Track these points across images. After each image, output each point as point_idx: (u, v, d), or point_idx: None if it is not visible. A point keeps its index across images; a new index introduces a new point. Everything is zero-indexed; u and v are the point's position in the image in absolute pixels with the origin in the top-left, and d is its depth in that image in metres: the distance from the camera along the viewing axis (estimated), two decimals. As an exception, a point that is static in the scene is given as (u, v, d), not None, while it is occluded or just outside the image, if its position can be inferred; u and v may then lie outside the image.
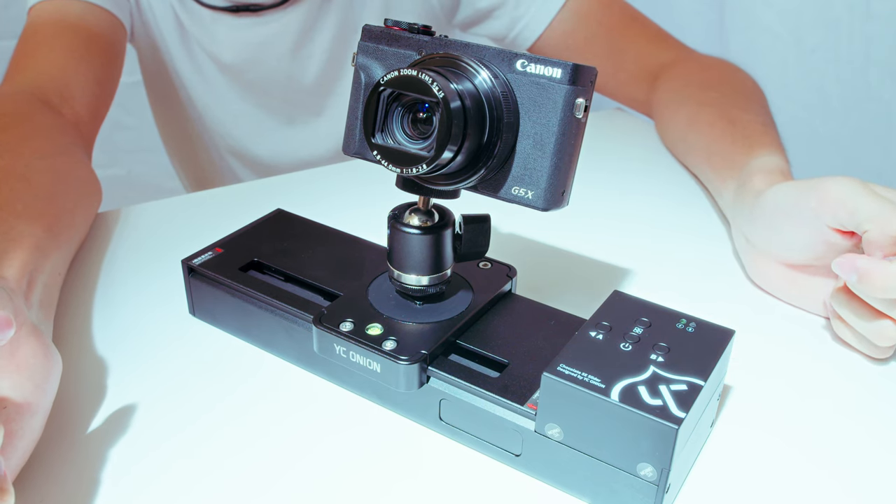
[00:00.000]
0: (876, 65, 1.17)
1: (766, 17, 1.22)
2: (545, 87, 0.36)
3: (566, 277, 0.57)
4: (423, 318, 0.43)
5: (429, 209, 0.42)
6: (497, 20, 0.88)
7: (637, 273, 0.58)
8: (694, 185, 0.73)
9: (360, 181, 0.72)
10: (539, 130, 0.37)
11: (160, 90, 0.96)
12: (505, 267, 0.48)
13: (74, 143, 0.65)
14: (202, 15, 0.85)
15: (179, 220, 0.65)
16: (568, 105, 0.36)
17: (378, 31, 0.41)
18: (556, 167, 0.37)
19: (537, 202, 0.38)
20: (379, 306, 0.44)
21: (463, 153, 0.36)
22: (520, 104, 0.37)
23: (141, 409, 0.44)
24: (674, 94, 0.78)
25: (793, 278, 0.53)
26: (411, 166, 0.36)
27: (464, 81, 0.36)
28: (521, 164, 0.38)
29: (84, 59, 0.73)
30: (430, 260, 0.42)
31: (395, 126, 0.37)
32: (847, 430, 0.43)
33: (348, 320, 0.43)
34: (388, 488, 0.39)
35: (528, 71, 0.36)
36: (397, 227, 0.42)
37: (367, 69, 0.41)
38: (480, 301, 0.45)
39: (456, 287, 0.46)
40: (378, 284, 0.46)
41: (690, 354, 0.38)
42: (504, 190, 0.38)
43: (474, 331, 0.44)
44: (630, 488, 0.36)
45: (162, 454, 0.41)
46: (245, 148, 0.97)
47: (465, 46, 0.38)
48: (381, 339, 0.41)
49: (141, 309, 0.53)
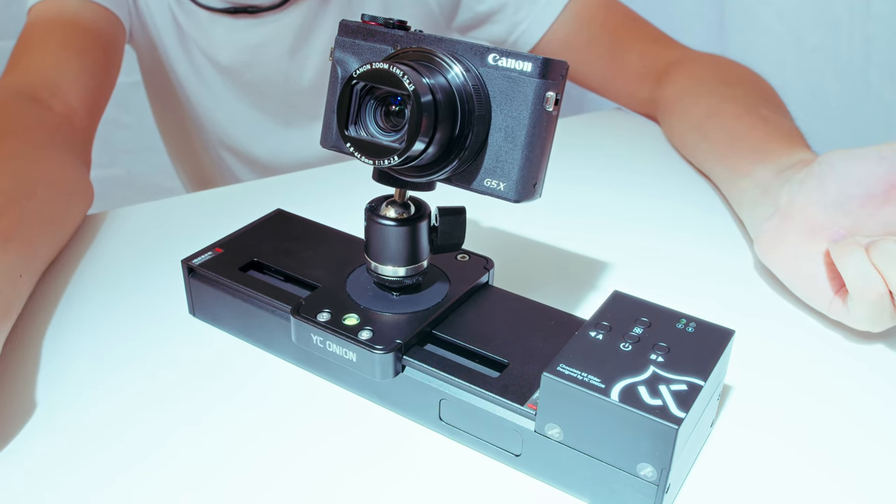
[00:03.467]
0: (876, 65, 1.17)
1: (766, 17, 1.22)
2: (516, 80, 0.37)
3: (566, 277, 0.57)
4: (400, 309, 0.44)
5: (405, 201, 0.43)
6: (496, 24, 0.88)
7: (637, 273, 0.58)
8: (695, 184, 0.73)
9: (360, 181, 0.72)
10: (510, 123, 0.38)
11: (159, 90, 0.96)
12: (482, 259, 0.49)
13: (58, 140, 0.63)
14: (200, 16, 0.85)
15: (179, 220, 0.65)
16: (538, 98, 0.37)
17: (354, 26, 0.41)
18: (527, 159, 0.38)
19: (509, 194, 0.38)
20: (356, 297, 0.45)
21: (434, 145, 0.37)
22: (491, 97, 0.38)
23: (141, 409, 0.44)
24: (689, 89, 0.77)
25: (806, 250, 0.51)
26: (383, 158, 0.36)
27: (436, 75, 0.37)
28: (493, 157, 0.38)
29: (77, 53, 0.72)
30: (407, 251, 0.43)
31: (369, 119, 0.38)
32: (847, 431, 0.43)
33: (326, 311, 0.43)
34: (388, 488, 0.39)
35: (500, 65, 0.37)
36: (374, 219, 0.43)
37: (343, 63, 0.42)
38: (457, 292, 0.46)
39: (433, 278, 0.47)
40: (356, 276, 0.47)
41: (690, 354, 0.38)
42: (477, 182, 0.39)
43: (451, 321, 0.44)
44: (630, 488, 0.36)
45: (162, 454, 0.41)
46: (244, 148, 0.97)
47: (439, 41, 0.39)
48: (357, 328, 0.42)
49: (141, 309, 0.53)
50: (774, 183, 0.56)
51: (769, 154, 0.60)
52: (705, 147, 0.71)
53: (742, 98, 0.71)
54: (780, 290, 0.55)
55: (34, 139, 0.61)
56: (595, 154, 0.80)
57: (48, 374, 0.46)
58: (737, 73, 0.78)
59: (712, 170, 0.69)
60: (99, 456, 0.41)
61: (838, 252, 0.47)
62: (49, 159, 0.60)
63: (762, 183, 0.58)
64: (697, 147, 0.73)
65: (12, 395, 0.44)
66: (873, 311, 0.46)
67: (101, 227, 0.63)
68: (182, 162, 1.07)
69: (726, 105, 0.70)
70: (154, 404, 0.44)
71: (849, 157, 0.49)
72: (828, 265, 0.50)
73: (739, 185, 0.62)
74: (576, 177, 0.74)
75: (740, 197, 0.61)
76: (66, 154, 0.63)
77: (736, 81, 0.76)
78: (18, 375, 0.46)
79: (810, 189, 0.51)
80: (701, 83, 0.77)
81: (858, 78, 1.20)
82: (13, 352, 0.48)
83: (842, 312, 0.49)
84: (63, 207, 0.59)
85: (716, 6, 1.27)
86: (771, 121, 0.65)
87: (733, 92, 0.73)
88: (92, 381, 0.46)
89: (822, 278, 0.50)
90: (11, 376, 0.46)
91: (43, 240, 0.54)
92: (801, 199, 0.52)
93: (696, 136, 0.73)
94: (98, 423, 0.43)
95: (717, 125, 0.69)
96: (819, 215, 0.51)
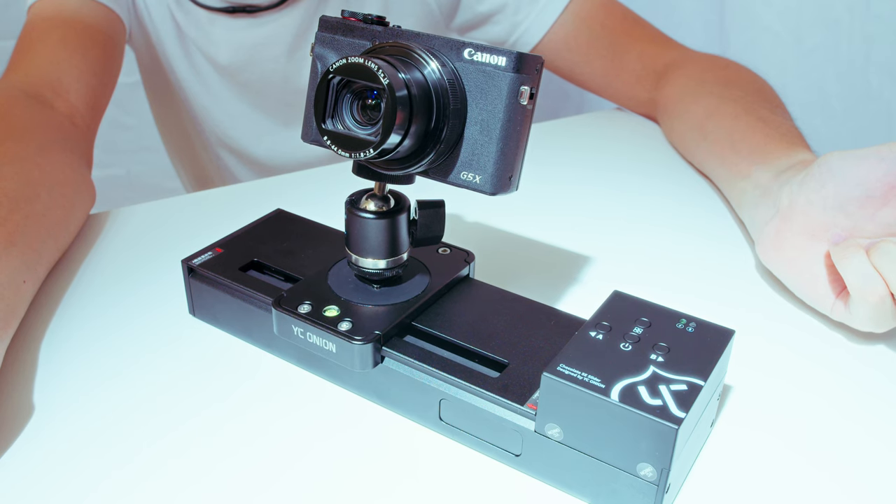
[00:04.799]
0: (876, 65, 1.17)
1: (766, 17, 1.22)
2: (491, 74, 0.37)
3: (566, 277, 0.57)
4: (380, 301, 0.44)
5: (385, 195, 0.43)
6: (497, 25, 0.88)
7: (637, 273, 0.58)
8: (694, 184, 0.73)
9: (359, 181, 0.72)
10: (485, 117, 0.38)
11: (159, 90, 0.96)
12: (463, 252, 0.49)
13: (60, 140, 0.63)
14: (199, 16, 0.85)
15: (179, 220, 0.65)
16: (513, 92, 0.37)
17: (335, 22, 0.42)
18: (502, 152, 0.38)
19: (485, 186, 0.39)
20: (337, 289, 0.45)
21: (410, 138, 0.37)
22: (467, 91, 0.38)
23: (141, 409, 0.44)
24: (689, 89, 0.77)
25: (807, 252, 0.51)
26: (359, 150, 0.37)
27: (412, 70, 0.37)
28: (469, 150, 0.39)
29: (78, 51, 0.72)
30: (387, 244, 0.43)
31: (345, 112, 0.39)
32: (847, 431, 0.43)
33: (307, 303, 0.44)
34: (387, 488, 0.39)
35: (475, 59, 0.38)
36: (354, 212, 0.43)
37: (323, 58, 0.42)
38: (437, 284, 0.46)
39: (413, 271, 0.47)
40: (338, 269, 0.47)
41: (690, 354, 0.38)
42: (453, 175, 0.39)
43: (431, 313, 0.45)
44: (630, 488, 0.36)
45: (162, 453, 0.41)
46: (243, 148, 0.97)
47: (416, 36, 0.39)
48: (336, 320, 0.43)
49: (141, 309, 0.53)
50: (774, 185, 0.56)
51: (768, 156, 0.60)
52: (705, 148, 0.71)
53: (741, 98, 0.71)
54: (779, 290, 0.55)
55: (37, 140, 0.60)
56: (595, 154, 0.80)
57: (48, 374, 0.46)
58: (736, 74, 0.78)
59: (712, 171, 0.69)
60: (99, 455, 0.41)
61: (839, 254, 0.47)
62: (52, 161, 0.59)
63: (762, 185, 0.58)
64: (697, 148, 0.73)
65: (12, 396, 0.44)
66: (875, 312, 0.46)
67: (102, 227, 0.63)
68: (182, 162, 1.07)
69: (725, 106, 0.71)
70: (154, 404, 0.44)
71: (848, 158, 0.49)
72: (828, 267, 0.50)
73: (739, 187, 0.62)
74: (575, 177, 0.74)
75: (740, 198, 0.61)
76: (68, 154, 0.62)
77: (735, 82, 0.76)
78: (19, 376, 0.46)
79: (810, 191, 0.51)
80: (700, 84, 0.77)
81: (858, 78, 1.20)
82: (13, 351, 0.48)
83: (844, 314, 0.49)
84: (66, 210, 0.58)
85: (716, 6, 1.27)
86: (770, 121, 0.65)
87: (732, 92, 0.73)
88: (92, 381, 0.46)
89: (824, 281, 0.50)
90: (11, 376, 0.46)
91: (46, 244, 0.54)
92: (802, 201, 0.52)
93: (695, 136, 0.74)
94: (98, 423, 0.43)
95: (717, 126, 0.70)
96: (819, 217, 0.50)
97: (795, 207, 0.52)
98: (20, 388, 0.45)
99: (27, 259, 0.50)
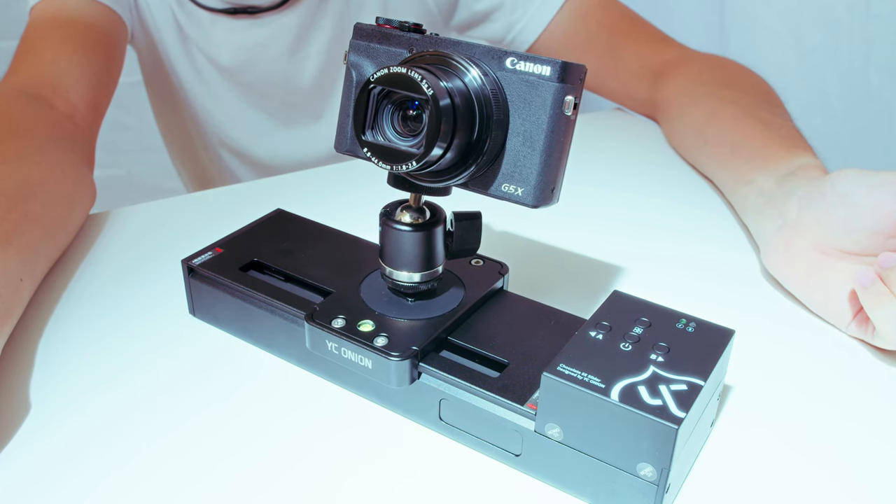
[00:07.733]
0: (876, 65, 1.17)
1: (766, 17, 1.22)
2: (534, 84, 0.36)
3: (565, 277, 0.57)
4: (415, 315, 0.43)
5: (420, 206, 0.42)
6: (494, 23, 0.88)
7: (637, 273, 0.58)
8: (694, 184, 0.73)
9: (360, 181, 0.72)
10: (528, 128, 0.37)
11: (160, 90, 0.96)
12: (497, 264, 0.48)
13: (60, 140, 0.63)
14: (200, 17, 0.85)
15: (179, 220, 0.65)
16: (557, 102, 0.36)
17: (369, 30, 0.41)
18: (545, 164, 0.37)
19: (527, 199, 0.38)
20: (371, 303, 0.44)
21: (452, 150, 0.36)
22: (509, 102, 0.37)
23: (141, 409, 0.44)
24: (686, 90, 0.77)
25: (819, 268, 0.51)
26: (401, 163, 0.36)
27: (453, 79, 0.36)
28: (511, 162, 0.38)
29: (79, 51, 0.72)
30: (422, 257, 0.42)
31: (386, 123, 0.37)
32: (847, 431, 0.43)
33: (340, 317, 0.43)
34: (387, 488, 0.39)
35: (518, 69, 0.37)
36: (389, 225, 0.42)
37: (358, 67, 0.41)
38: (472, 298, 0.45)
39: (448, 284, 0.46)
40: (370, 281, 0.46)
41: (690, 354, 0.38)
42: (494, 187, 0.38)
43: (466, 327, 0.44)
44: (630, 488, 0.36)
45: (162, 454, 0.41)
46: (244, 148, 0.97)
47: (456, 44, 0.38)
48: (372, 335, 0.42)
49: (141, 309, 0.53)
50: (777, 192, 0.56)
51: (769, 160, 0.60)
52: (705, 151, 0.71)
53: (739, 99, 0.71)
54: (779, 290, 0.55)
55: (37, 139, 0.60)
56: (595, 154, 0.80)
57: (48, 373, 0.46)
58: (735, 74, 0.78)
59: (713, 174, 0.69)
60: (99, 456, 0.41)
61: (870, 302, 0.46)
62: (52, 160, 0.59)
63: (765, 192, 0.58)
64: (698, 151, 0.73)
65: (11, 395, 0.44)
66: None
67: (102, 227, 0.63)
68: (183, 162, 1.07)
69: (724, 108, 0.70)
70: (154, 404, 0.44)
71: (862, 183, 0.49)
72: (849, 293, 0.50)
73: (741, 192, 0.62)
74: (575, 177, 0.74)
75: (743, 203, 0.61)
76: (68, 153, 0.62)
77: (734, 82, 0.75)
78: (17, 375, 0.46)
79: (820, 212, 0.51)
80: (699, 85, 0.77)
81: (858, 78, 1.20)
82: (12, 351, 0.48)
83: (861, 333, 0.49)
84: (65, 209, 0.58)
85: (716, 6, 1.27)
86: (769, 123, 0.65)
87: (731, 93, 0.72)
88: (92, 381, 0.46)
89: (840, 300, 0.50)
90: (10, 376, 0.46)
91: (44, 243, 0.54)
92: (811, 218, 0.51)
93: (695, 139, 0.74)
94: (98, 423, 0.43)
95: (716, 129, 0.69)
96: (827, 238, 0.50)
97: (804, 223, 0.52)
98: (18, 387, 0.45)
99: (24, 257, 0.50)
